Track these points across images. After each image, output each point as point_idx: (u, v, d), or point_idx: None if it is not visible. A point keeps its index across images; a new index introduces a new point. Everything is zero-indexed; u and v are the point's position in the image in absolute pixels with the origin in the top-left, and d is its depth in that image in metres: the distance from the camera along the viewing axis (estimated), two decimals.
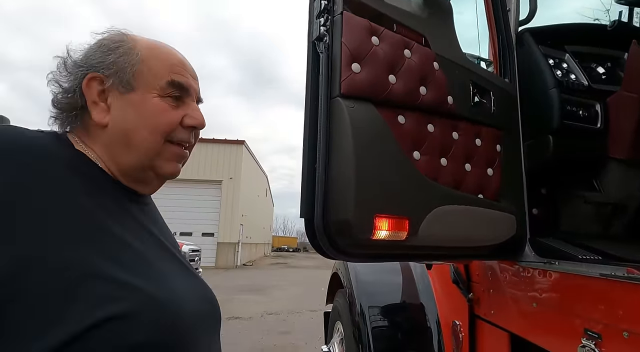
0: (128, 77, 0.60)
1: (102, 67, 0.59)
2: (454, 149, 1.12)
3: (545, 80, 1.36)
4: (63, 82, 0.60)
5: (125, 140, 0.60)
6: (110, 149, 0.60)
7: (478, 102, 1.21)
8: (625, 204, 1.34)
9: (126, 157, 0.60)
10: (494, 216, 1.15)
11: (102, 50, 0.61)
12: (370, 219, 0.82)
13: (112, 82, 0.59)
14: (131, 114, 0.60)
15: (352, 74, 0.92)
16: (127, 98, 0.60)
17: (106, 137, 0.60)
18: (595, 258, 1.13)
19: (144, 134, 0.60)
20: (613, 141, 1.31)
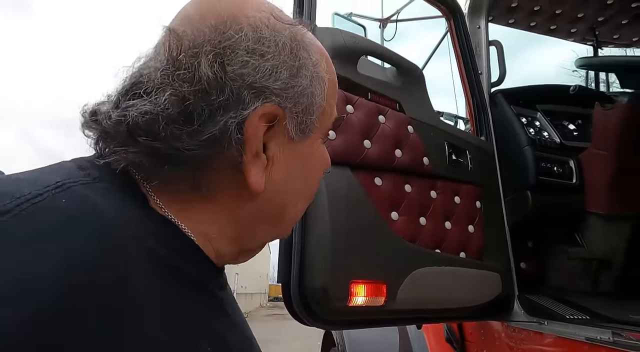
0: (313, 118, 0.37)
1: (285, 96, 0.34)
2: (433, 207, 1.14)
3: (518, 138, 1.43)
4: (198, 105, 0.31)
5: (278, 215, 0.39)
6: (237, 227, 0.36)
7: (455, 161, 1.26)
8: (609, 259, 1.34)
9: (256, 236, 0.39)
10: (477, 275, 1.14)
11: (286, 64, 0.34)
12: (346, 286, 0.82)
13: (287, 123, 0.35)
14: (298, 175, 0.38)
15: (327, 141, 0.97)
16: (295, 149, 0.37)
17: (244, 211, 0.36)
18: (584, 318, 1.10)
19: (301, 205, 0.41)
20: (589, 196, 1.34)
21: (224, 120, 0.31)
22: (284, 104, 0.34)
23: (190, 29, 0.33)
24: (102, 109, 0.33)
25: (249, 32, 0.32)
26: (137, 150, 0.31)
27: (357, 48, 1.13)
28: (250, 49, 0.32)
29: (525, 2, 1.73)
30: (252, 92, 0.32)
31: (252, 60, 0.32)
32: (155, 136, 0.30)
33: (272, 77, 0.32)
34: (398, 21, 1.86)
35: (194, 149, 0.31)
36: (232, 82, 0.31)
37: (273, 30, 0.34)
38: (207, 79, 0.30)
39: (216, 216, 0.35)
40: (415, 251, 0.99)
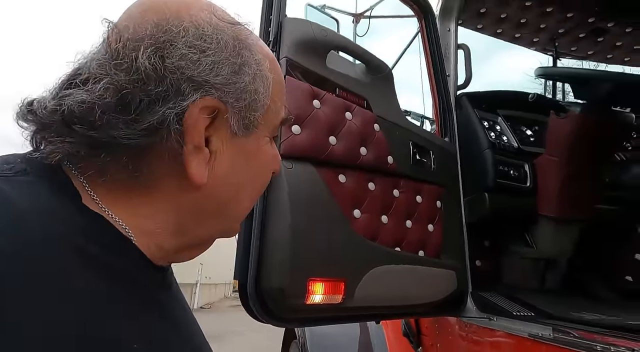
0: (257, 115, 0.37)
1: (227, 91, 0.34)
2: (395, 206, 1.16)
3: (480, 142, 1.47)
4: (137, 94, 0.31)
5: (220, 210, 0.38)
6: (179, 220, 0.36)
7: (418, 161, 1.28)
8: (556, 260, 1.42)
9: (199, 231, 0.38)
10: (434, 273, 1.17)
11: (228, 61, 0.34)
12: (304, 284, 0.81)
13: (229, 118, 0.35)
14: (242, 170, 0.38)
15: (291, 136, 0.95)
16: (239, 144, 0.37)
17: (186, 203, 0.36)
18: (528, 315, 1.16)
19: (246, 203, 0.41)
20: (541, 199, 1.41)
21: (162, 110, 0.31)
22: (226, 99, 0.34)
23: (132, 24, 0.33)
24: (39, 100, 0.33)
25: (191, 29, 0.33)
26: (73, 140, 0.31)
27: (326, 42, 1.11)
28: (190, 44, 0.33)
29: (494, 9, 1.78)
30: (192, 85, 0.32)
31: (192, 54, 0.33)
32: (91, 125, 0.31)
33: (212, 72, 0.33)
34: (371, 17, 1.86)
35: (132, 138, 0.31)
36: (171, 74, 0.32)
37: (215, 29, 0.35)
38: (144, 70, 0.31)
39: (157, 207, 0.35)
40: (375, 249, 1.00)
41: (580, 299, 1.40)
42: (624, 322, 1.01)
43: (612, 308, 1.26)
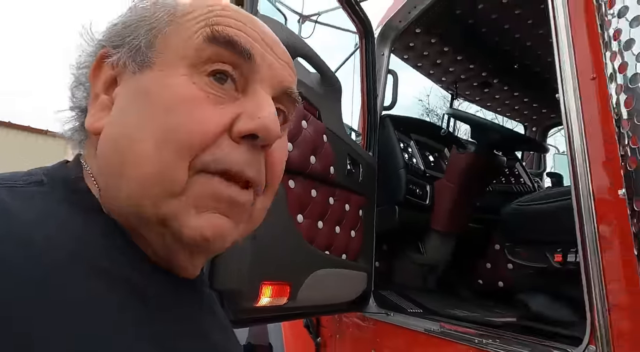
0: (144, 43, 0.34)
1: (114, 37, 0.37)
2: (329, 213, 1.26)
3: (397, 160, 1.69)
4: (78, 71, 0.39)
5: (117, 157, 0.33)
6: (102, 177, 0.34)
7: (350, 172, 1.40)
8: (436, 265, 1.75)
9: (117, 191, 0.33)
10: (352, 275, 1.32)
11: (125, 17, 0.37)
12: (257, 287, 0.83)
13: (121, 57, 0.35)
14: (135, 107, 0.33)
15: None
16: (137, 80, 0.34)
17: (98, 154, 0.35)
18: (418, 311, 1.42)
19: (146, 146, 0.31)
20: (434, 216, 1.71)
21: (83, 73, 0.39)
22: (110, 43, 0.37)
23: None
24: None
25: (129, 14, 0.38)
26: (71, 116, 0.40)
27: (295, 48, 1.12)
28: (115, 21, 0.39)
29: (420, 46, 2.04)
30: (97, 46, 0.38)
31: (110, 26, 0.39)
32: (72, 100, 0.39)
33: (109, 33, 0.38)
34: (317, 22, 1.90)
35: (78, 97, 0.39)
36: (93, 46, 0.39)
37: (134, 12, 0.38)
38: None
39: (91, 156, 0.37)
40: (315, 254, 1.08)
41: (450, 297, 1.75)
42: (483, 318, 1.33)
43: (471, 305, 1.63)
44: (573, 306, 1.06)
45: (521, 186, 2.11)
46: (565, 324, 1.06)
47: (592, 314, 0.73)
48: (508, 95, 2.43)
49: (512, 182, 2.10)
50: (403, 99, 10.45)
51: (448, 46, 2.04)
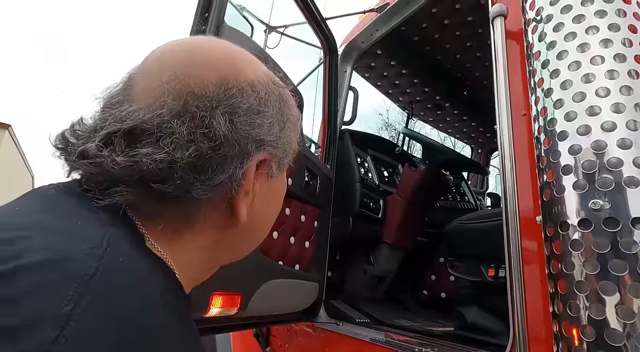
0: (289, 159, 0.43)
1: (276, 146, 0.40)
2: (286, 224, 1.28)
3: (353, 174, 1.76)
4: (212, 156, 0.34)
5: (251, 241, 0.45)
6: (218, 251, 0.41)
7: (308, 184, 1.44)
8: (385, 276, 1.83)
9: (234, 256, 0.45)
10: (304, 285, 1.35)
11: (277, 120, 0.40)
12: (207, 298, 0.83)
13: (272, 165, 0.41)
14: (273, 203, 0.44)
15: None
16: (273, 184, 0.43)
17: (223, 240, 0.40)
18: (366, 321, 1.48)
19: (270, 225, 0.46)
20: (385, 229, 1.80)
21: (232, 169, 0.36)
22: (274, 153, 0.40)
23: (192, 80, 0.35)
24: (91, 149, 0.33)
25: (247, 90, 0.37)
26: (143, 192, 0.33)
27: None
28: (252, 109, 0.37)
29: (380, 66, 2.15)
30: (255, 145, 0.37)
31: (254, 117, 0.37)
32: (168, 182, 0.33)
33: (268, 132, 0.39)
34: (283, 34, 1.94)
35: (205, 194, 0.35)
36: (240, 138, 0.36)
37: (267, 91, 0.39)
38: (223, 136, 0.35)
39: (197, 244, 0.38)
40: (268, 265, 1.09)
41: (397, 307, 1.84)
42: (424, 328, 1.42)
43: (416, 315, 1.72)
44: (501, 316, 1.17)
45: (465, 203, 2.28)
46: (495, 333, 1.17)
47: (513, 324, 0.82)
48: (458, 118, 2.63)
49: (457, 199, 2.26)
50: (365, 109, 10.87)
51: (406, 69, 2.17)
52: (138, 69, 0.38)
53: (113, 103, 0.36)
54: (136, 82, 0.37)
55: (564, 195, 0.60)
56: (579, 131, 0.61)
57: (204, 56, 0.37)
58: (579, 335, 0.55)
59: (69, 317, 0.22)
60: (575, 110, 0.62)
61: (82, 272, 0.24)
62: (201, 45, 0.39)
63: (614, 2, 0.64)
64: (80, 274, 0.24)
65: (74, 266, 0.25)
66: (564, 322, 0.57)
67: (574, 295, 0.56)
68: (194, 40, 0.40)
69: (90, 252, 0.26)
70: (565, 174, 0.61)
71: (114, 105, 0.35)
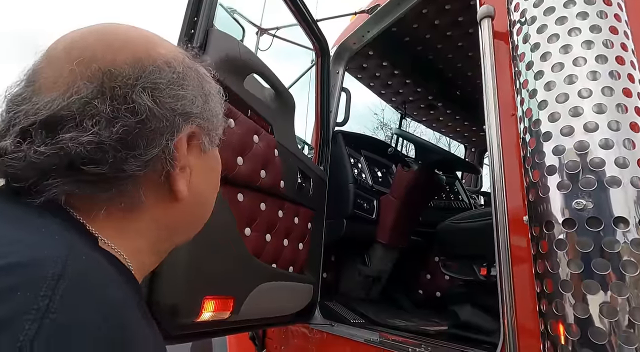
0: (218, 132, 0.44)
1: (203, 118, 0.40)
2: (278, 226, 1.28)
3: (347, 175, 1.77)
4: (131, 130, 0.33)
5: (194, 219, 0.44)
6: (163, 233, 0.40)
7: (301, 186, 1.44)
8: (380, 276, 1.83)
9: (180, 238, 0.43)
10: (298, 288, 1.35)
11: (199, 93, 0.40)
12: (199, 302, 0.83)
13: (203, 138, 0.41)
14: (210, 178, 0.45)
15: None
16: (207, 158, 0.43)
17: (165, 219, 0.40)
18: (361, 322, 1.48)
19: (212, 202, 0.46)
20: (379, 229, 1.80)
21: (163, 142, 0.36)
22: (202, 125, 0.40)
23: (105, 62, 0.35)
24: (8, 147, 0.32)
25: (165, 67, 0.38)
26: (76, 178, 0.32)
27: (250, 65, 1.15)
28: (171, 82, 0.37)
29: (372, 67, 2.16)
30: (182, 118, 0.38)
31: (176, 90, 0.37)
32: (101, 163, 0.33)
33: (193, 104, 0.39)
34: (275, 36, 1.95)
35: (140, 169, 0.34)
36: (166, 111, 0.36)
37: (183, 66, 0.40)
38: (148, 110, 0.34)
39: (141, 227, 0.38)
40: (260, 268, 1.09)
41: (392, 307, 1.84)
42: (418, 328, 1.42)
43: (411, 315, 1.73)
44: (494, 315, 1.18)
45: (459, 202, 2.29)
46: (488, 331, 1.17)
47: (504, 322, 0.83)
48: (451, 117, 2.64)
49: (451, 198, 2.27)
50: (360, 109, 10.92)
51: (398, 70, 2.18)
52: (42, 61, 0.36)
53: (20, 100, 0.34)
54: (43, 75, 0.35)
55: (549, 195, 0.61)
56: (562, 132, 0.61)
57: (116, 38, 0.37)
58: (564, 333, 0.56)
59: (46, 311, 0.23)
60: (559, 111, 0.63)
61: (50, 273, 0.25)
62: (111, 29, 0.38)
63: (595, 3, 0.65)
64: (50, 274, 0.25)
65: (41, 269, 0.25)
66: (550, 320, 0.58)
67: (560, 294, 0.57)
68: (103, 25, 0.39)
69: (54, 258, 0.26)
70: (550, 175, 0.61)
71: (22, 102, 0.34)
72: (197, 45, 1.00)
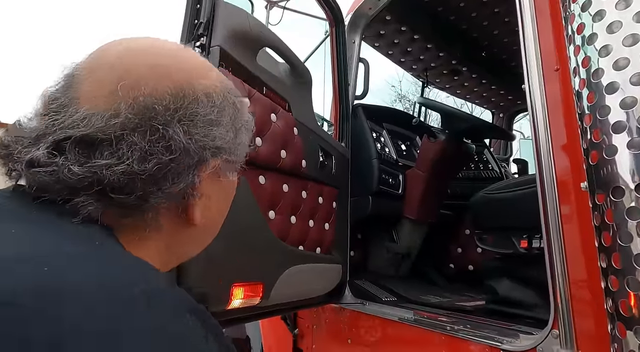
0: (241, 162, 0.44)
1: (229, 151, 0.40)
2: (303, 207, 1.24)
3: (370, 151, 1.69)
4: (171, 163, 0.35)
5: (203, 240, 0.46)
6: (168, 257, 0.41)
7: (323, 165, 1.38)
8: (409, 253, 1.78)
9: (180, 260, 0.45)
10: (327, 269, 1.32)
11: (231, 127, 0.40)
12: (228, 289, 0.81)
13: (222, 168, 0.41)
14: (224, 203, 0.45)
15: None
16: (225, 185, 0.43)
17: (176, 241, 0.41)
18: (393, 300, 1.45)
19: (219, 227, 0.47)
20: (406, 204, 1.73)
21: (190, 177, 0.36)
22: (229, 158, 0.41)
23: (148, 89, 0.34)
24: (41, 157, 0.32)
25: (204, 99, 0.37)
26: (102, 200, 0.33)
27: (261, 38, 1.07)
28: (209, 119, 0.37)
29: (390, 34, 2.02)
30: (210, 153, 0.38)
31: (210, 126, 0.37)
32: (129, 193, 0.33)
33: (223, 139, 0.39)
34: (285, 8, 1.84)
35: (162, 201, 0.35)
36: (198, 148, 0.36)
37: (222, 99, 0.40)
38: (182, 148, 0.35)
39: (151, 246, 0.38)
40: (287, 251, 1.06)
41: (423, 283, 1.80)
42: (454, 304, 1.38)
43: (442, 290, 1.68)
44: (537, 289, 1.11)
45: (489, 171, 2.17)
46: (530, 306, 1.11)
47: (555, 300, 0.76)
48: (476, 82, 2.47)
49: (480, 168, 2.16)
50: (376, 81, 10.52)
51: (418, 34, 2.03)
52: (84, 69, 0.36)
53: (57, 106, 0.34)
54: (82, 83, 0.35)
55: (616, 157, 0.53)
56: (632, 81, 0.52)
57: (160, 62, 0.37)
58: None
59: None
60: (627, 57, 0.53)
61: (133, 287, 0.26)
62: (157, 50, 0.38)
63: None
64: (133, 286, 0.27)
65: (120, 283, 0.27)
66: (621, 299, 0.51)
67: (633, 269, 0.49)
68: (151, 43, 0.39)
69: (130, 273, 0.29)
70: (617, 133, 0.53)
71: (58, 109, 0.34)
72: (204, 20, 0.93)
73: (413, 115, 2.05)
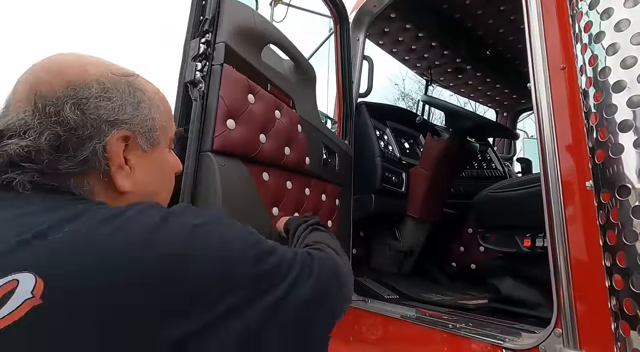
0: (157, 134, 0.52)
1: (133, 122, 0.48)
2: (306, 204, 1.24)
3: (373, 149, 1.69)
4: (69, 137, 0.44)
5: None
6: None
7: (326, 162, 1.38)
8: (412, 251, 1.78)
9: None
10: None
11: (128, 102, 0.48)
12: None
13: (138, 140, 0.49)
14: (156, 174, 0.53)
15: (226, 131, 0.91)
16: (149, 157, 0.51)
17: (122, 202, 0.48)
18: (395, 297, 1.45)
19: (164, 194, 0.56)
20: (409, 203, 1.73)
21: (92, 145, 0.44)
22: (133, 128, 0.48)
23: (45, 88, 0.44)
24: None
25: (94, 85, 0.46)
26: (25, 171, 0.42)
27: (266, 35, 1.07)
28: (98, 96, 0.46)
29: (395, 31, 2.01)
30: (108, 124, 0.46)
31: (102, 102, 0.46)
32: (36, 162, 0.42)
33: (120, 112, 0.47)
34: (290, 5, 1.84)
35: (72, 168, 0.43)
36: (92, 120, 0.44)
37: (113, 81, 0.48)
38: (73, 121, 0.43)
39: None
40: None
41: (425, 281, 1.80)
42: (456, 302, 1.38)
43: (445, 288, 1.68)
44: (540, 288, 1.10)
45: (493, 170, 2.16)
46: (533, 305, 1.11)
47: (558, 299, 0.76)
48: (480, 81, 2.46)
49: (484, 167, 2.15)
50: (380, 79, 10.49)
51: (422, 32, 2.02)
52: (14, 87, 0.47)
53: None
54: (12, 99, 0.46)
55: (622, 156, 0.52)
56: (639, 79, 0.52)
57: (55, 67, 0.46)
58: None
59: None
60: (634, 55, 0.53)
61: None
62: (55, 59, 0.47)
63: None
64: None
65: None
66: (625, 298, 0.51)
67: (638, 268, 0.49)
68: (54, 56, 0.48)
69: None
70: (623, 131, 0.52)
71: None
72: (210, 16, 0.93)
73: (417, 114, 2.05)
